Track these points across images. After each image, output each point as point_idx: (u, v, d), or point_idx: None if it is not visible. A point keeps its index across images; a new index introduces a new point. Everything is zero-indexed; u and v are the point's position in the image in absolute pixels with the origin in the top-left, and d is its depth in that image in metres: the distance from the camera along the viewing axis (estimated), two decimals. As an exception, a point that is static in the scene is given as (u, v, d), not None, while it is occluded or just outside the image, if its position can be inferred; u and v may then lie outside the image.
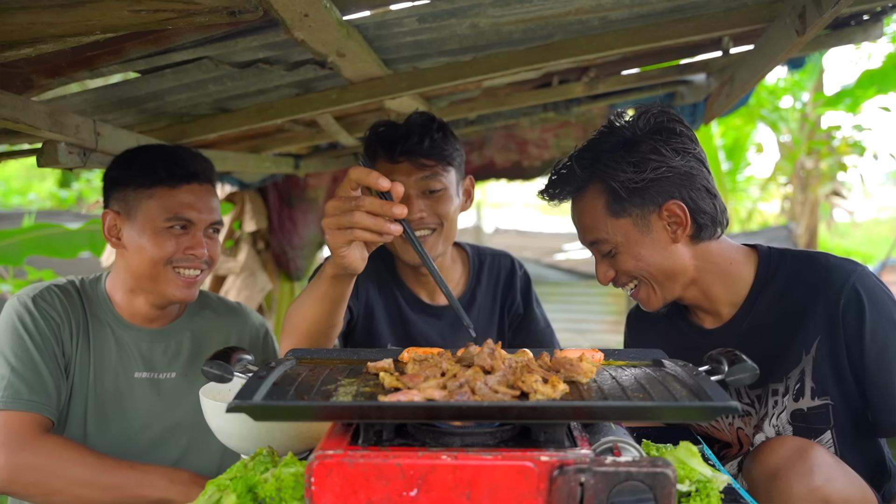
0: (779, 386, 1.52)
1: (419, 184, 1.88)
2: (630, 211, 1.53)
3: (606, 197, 1.54)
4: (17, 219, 8.03)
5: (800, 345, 1.49)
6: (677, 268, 1.55)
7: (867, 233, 13.09)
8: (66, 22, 1.28)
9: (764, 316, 1.55)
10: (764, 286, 1.56)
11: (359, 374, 1.11)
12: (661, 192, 1.51)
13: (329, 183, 4.29)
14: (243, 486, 0.98)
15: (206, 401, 1.24)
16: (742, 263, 1.59)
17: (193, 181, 1.79)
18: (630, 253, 1.55)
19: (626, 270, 1.57)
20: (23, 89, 1.67)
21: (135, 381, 1.82)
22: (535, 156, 4.23)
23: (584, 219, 1.60)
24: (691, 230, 1.53)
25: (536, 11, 1.74)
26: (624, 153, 1.52)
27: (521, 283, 2.16)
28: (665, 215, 1.52)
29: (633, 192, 1.51)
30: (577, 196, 1.61)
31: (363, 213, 1.19)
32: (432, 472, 0.85)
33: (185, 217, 1.76)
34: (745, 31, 2.12)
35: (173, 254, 1.75)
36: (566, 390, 0.95)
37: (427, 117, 1.93)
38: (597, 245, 1.59)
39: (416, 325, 2.03)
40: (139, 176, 1.76)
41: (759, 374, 1.13)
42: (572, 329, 7.74)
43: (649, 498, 0.82)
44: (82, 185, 11.48)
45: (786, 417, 1.51)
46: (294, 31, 1.52)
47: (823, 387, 1.47)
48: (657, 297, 1.59)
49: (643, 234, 1.54)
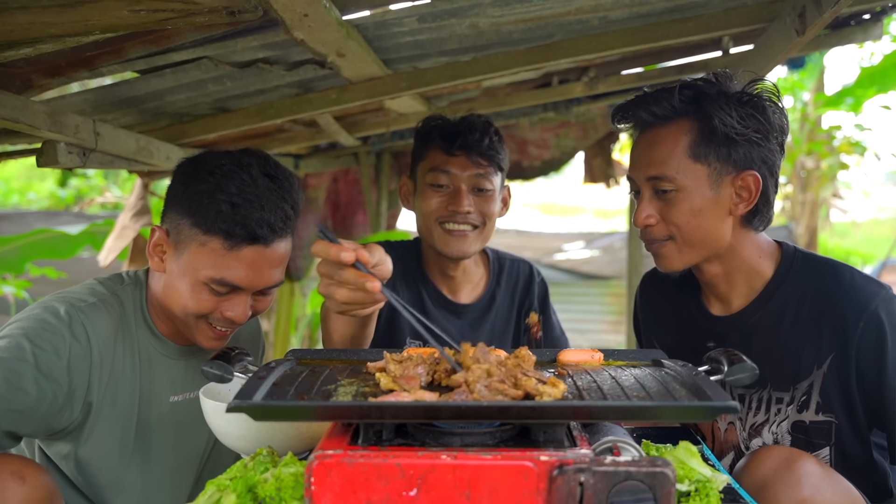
0: (784, 395, 1.49)
1: (471, 180, 1.92)
2: (710, 160, 1.45)
3: (694, 136, 1.46)
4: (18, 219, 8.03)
5: (811, 357, 1.46)
6: (719, 239, 1.49)
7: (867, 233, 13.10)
8: (66, 22, 1.29)
9: (775, 316, 1.51)
10: (780, 285, 1.52)
11: (359, 374, 1.11)
12: (747, 157, 1.45)
13: (329, 183, 4.29)
14: (243, 485, 0.98)
15: (206, 401, 1.24)
16: (766, 257, 1.55)
17: (258, 243, 1.42)
18: (688, 202, 1.47)
19: (674, 221, 1.48)
20: (23, 89, 1.67)
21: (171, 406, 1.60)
22: (535, 156, 4.23)
23: (656, 150, 1.49)
24: (748, 211, 1.49)
25: (536, 11, 1.75)
26: (733, 101, 1.45)
27: (538, 289, 2.18)
28: (738, 184, 1.47)
29: (725, 141, 1.44)
30: (661, 125, 1.50)
31: (345, 290, 1.14)
32: (432, 472, 0.85)
33: (233, 283, 1.43)
34: (745, 31, 2.12)
35: (210, 312, 1.47)
36: (566, 389, 0.95)
37: (486, 120, 1.98)
38: (658, 181, 1.48)
39: (436, 321, 2.04)
40: (196, 212, 1.42)
41: (758, 373, 1.12)
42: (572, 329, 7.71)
43: (649, 498, 0.82)
44: (80, 183, 11.49)
45: (786, 427, 1.49)
46: (294, 31, 1.52)
47: (829, 404, 1.44)
48: (679, 260, 1.52)
49: (710, 190, 1.46)
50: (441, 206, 1.92)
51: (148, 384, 1.56)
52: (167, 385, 1.59)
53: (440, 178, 1.92)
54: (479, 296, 2.10)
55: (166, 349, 1.59)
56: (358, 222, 4.33)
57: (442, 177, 1.92)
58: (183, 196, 1.45)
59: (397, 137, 3.55)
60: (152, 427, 1.57)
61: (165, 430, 1.59)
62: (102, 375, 1.47)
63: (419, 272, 2.08)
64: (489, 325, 2.08)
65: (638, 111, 1.53)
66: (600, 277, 8.29)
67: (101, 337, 1.46)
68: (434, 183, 1.93)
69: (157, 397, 1.57)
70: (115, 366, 1.50)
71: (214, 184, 1.41)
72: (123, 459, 1.54)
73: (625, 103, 1.57)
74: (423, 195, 1.97)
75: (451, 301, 2.07)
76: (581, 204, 20.74)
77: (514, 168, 4.29)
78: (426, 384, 1.03)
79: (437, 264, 2.04)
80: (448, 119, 2.00)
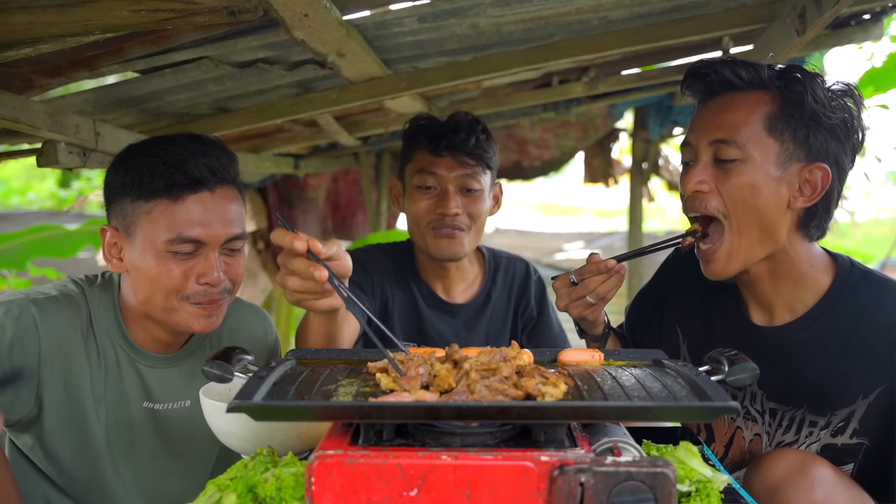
0: (819, 419, 1.40)
1: (459, 180, 1.91)
2: (786, 138, 1.34)
3: (775, 108, 1.35)
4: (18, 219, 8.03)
5: (857, 387, 1.36)
6: (774, 233, 1.37)
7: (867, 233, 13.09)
8: (66, 22, 1.29)
9: (824, 336, 1.39)
10: (833, 304, 1.40)
11: (359, 374, 1.11)
12: (823, 148, 1.35)
13: (329, 183, 4.29)
14: (243, 485, 0.98)
15: (207, 401, 1.24)
16: (820, 270, 1.43)
17: (202, 188, 1.43)
18: (749, 176, 1.34)
19: (729, 194, 1.36)
20: (23, 89, 1.67)
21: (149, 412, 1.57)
22: (535, 156, 4.24)
23: (730, 113, 1.37)
24: (806, 209, 1.38)
25: (536, 11, 1.75)
26: (823, 85, 1.36)
27: (535, 287, 2.17)
28: (805, 175, 1.35)
29: (808, 121, 1.33)
30: (741, 90, 1.39)
31: (296, 279, 1.15)
32: (432, 472, 0.85)
33: (191, 237, 1.41)
34: (745, 31, 2.12)
35: (183, 286, 1.43)
36: (566, 389, 0.95)
37: (472, 118, 1.96)
38: (723, 145, 1.36)
39: (430, 322, 2.04)
40: (135, 184, 1.42)
41: (759, 374, 1.11)
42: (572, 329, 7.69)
43: (649, 498, 0.82)
44: (83, 184, 11.49)
45: (816, 448, 1.40)
46: (294, 31, 1.52)
47: (867, 430, 1.37)
48: (736, 260, 1.39)
49: (776, 170, 1.34)
50: (429, 209, 1.91)
51: (115, 387, 1.53)
52: (138, 391, 1.55)
53: (427, 180, 1.91)
54: (473, 295, 2.09)
55: (138, 355, 1.55)
56: (358, 222, 4.33)
57: (429, 178, 1.91)
58: (118, 182, 1.46)
59: (397, 137, 3.55)
60: (127, 431, 1.54)
61: (148, 435, 1.56)
62: (54, 370, 1.46)
63: (412, 272, 2.07)
64: (485, 324, 2.07)
65: (722, 70, 1.40)
66: (600, 277, 8.28)
67: (53, 330, 1.45)
68: (421, 185, 1.92)
69: (125, 402, 1.54)
70: (73, 363, 1.48)
71: (144, 155, 1.44)
72: (98, 460, 1.52)
73: (706, 62, 1.44)
74: (411, 197, 1.96)
75: (444, 301, 2.05)
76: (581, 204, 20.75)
77: (514, 168, 4.29)
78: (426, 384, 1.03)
79: (429, 264, 2.03)
80: (435, 119, 1.99)
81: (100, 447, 1.53)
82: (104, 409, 1.52)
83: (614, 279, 1.47)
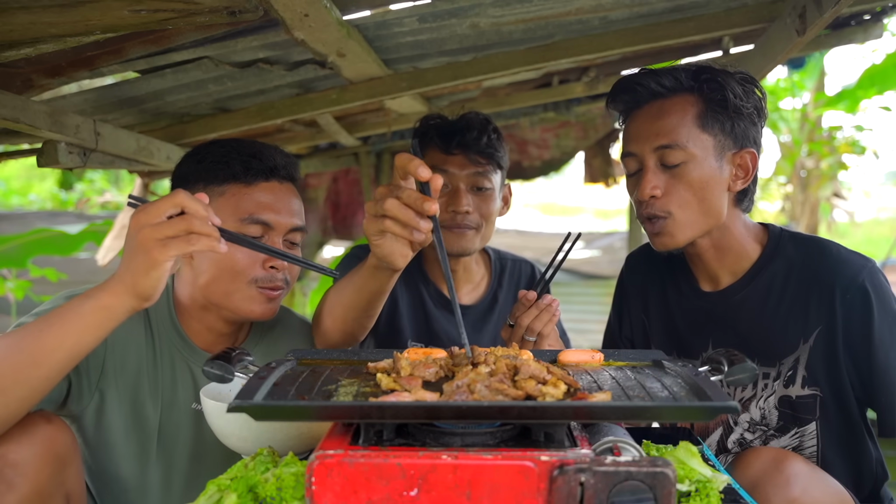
0: (770, 370, 1.52)
1: (470, 179, 1.91)
2: (716, 131, 1.49)
3: (700, 108, 1.49)
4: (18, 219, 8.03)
5: (797, 332, 1.49)
6: (718, 215, 1.52)
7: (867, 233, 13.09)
8: (66, 22, 1.29)
9: (762, 292, 1.54)
10: (767, 263, 1.55)
11: (359, 374, 1.11)
12: (746, 134, 1.51)
13: (329, 183, 4.29)
14: (244, 485, 0.98)
15: (207, 401, 1.24)
16: (754, 237, 1.58)
17: (273, 178, 1.54)
18: (699, 172, 1.48)
19: (681, 193, 1.49)
20: (23, 89, 1.67)
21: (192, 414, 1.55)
22: (535, 156, 4.23)
23: (666, 119, 1.50)
24: (740, 190, 1.53)
25: (536, 11, 1.75)
26: (736, 78, 1.51)
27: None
28: (737, 161, 1.51)
29: (730, 114, 1.48)
30: (666, 97, 1.53)
31: (396, 202, 1.14)
32: (433, 472, 0.85)
33: (262, 219, 1.50)
34: (745, 31, 2.12)
35: (249, 268, 1.48)
36: (566, 389, 0.95)
37: (484, 117, 1.96)
38: (668, 150, 1.49)
39: (438, 322, 2.04)
40: (211, 171, 1.52)
41: (757, 373, 1.13)
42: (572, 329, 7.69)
43: (649, 498, 0.82)
44: (85, 186, 11.49)
45: (773, 402, 1.52)
46: (294, 31, 1.52)
47: (815, 377, 1.47)
48: (681, 236, 1.52)
49: (715, 161, 1.49)
50: (441, 208, 1.91)
51: (169, 388, 1.53)
52: (189, 392, 1.55)
53: None
54: (480, 296, 2.09)
55: (192, 354, 1.55)
56: (358, 222, 4.33)
57: (441, 176, 1.91)
58: (191, 170, 1.55)
59: (398, 137, 3.55)
60: (173, 435, 1.54)
61: (186, 439, 1.55)
62: (117, 365, 1.47)
63: (419, 272, 2.07)
64: (492, 326, 2.08)
65: (646, 81, 1.53)
66: (600, 277, 8.29)
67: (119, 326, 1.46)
68: None
69: (178, 403, 1.54)
70: (134, 360, 1.50)
71: (219, 147, 1.55)
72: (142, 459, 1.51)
73: (630, 76, 1.58)
74: None
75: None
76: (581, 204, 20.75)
77: (514, 168, 4.29)
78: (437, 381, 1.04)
79: (437, 264, 2.04)
80: (446, 118, 1.99)
81: (148, 447, 1.52)
82: (159, 409, 1.52)
83: (545, 314, 1.56)
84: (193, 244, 1.12)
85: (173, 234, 1.11)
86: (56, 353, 1.16)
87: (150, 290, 1.15)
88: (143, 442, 1.52)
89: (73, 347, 1.17)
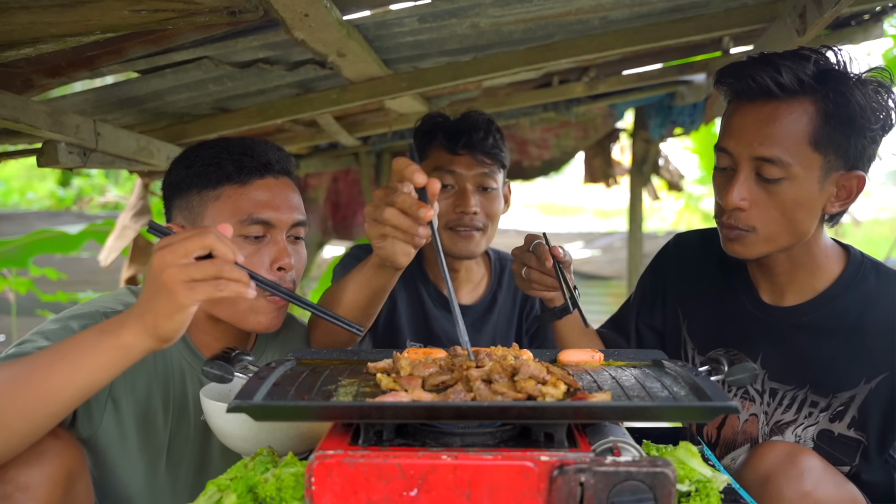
0: (820, 400, 1.43)
1: (476, 179, 1.91)
2: (829, 151, 1.30)
3: (817, 123, 1.29)
4: (18, 219, 8.03)
5: (861, 371, 1.39)
6: (803, 234, 1.38)
7: (867, 233, 13.09)
8: (66, 22, 1.29)
9: (832, 320, 1.42)
10: (844, 291, 1.43)
11: (359, 374, 1.11)
12: (860, 154, 1.33)
13: (329, 183, 4.29)
14: (244, 486, 0.98)
15: (207, 401, 1.24)
16: (833, 259, 1.46)
17: (268, 174, 1.47)
18: (795, 192, 1.32)
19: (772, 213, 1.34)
20: (23, 89, 1.67)
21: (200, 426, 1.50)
22: (535, 156, 4.23)
23: (775, 128, 1.31)
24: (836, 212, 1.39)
25: (536, 11, 1.75)
26: (866, 86, 1.30)
27: None
28: (842, 182, 1.34)
29: (851, 132, 1.29)
30: (781, 98, 1.31)
31: (394, 210, 1.14)
32: (432, 472, 0.85)
33: (262, 218, 1.43)
34: (745, 31, 2.12)
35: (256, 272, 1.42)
36: (565, 389, 0.95)
37: (487, 117, 1.96)
38: (769, 164, 1.31)
39: (437, 322, 2.04)
40: (202, 175, 1.45)
41: (758, 375, 1.12)
42: (572, 329, 7.68)
43: (649, 498, 0.82)
44: (83, 183, 11.48)
45: (812, 432, 1.44)
46: (294, 31, 1.52)
47: (864, 422, 1.40)
48: (758, 250, 1.39)
49: (817, 184, 1.32)
50: (448, 208, 1.91)
51: (179, 401, 1.50)
52: (198, 404, 1.49)
53: (445, 178, 1.90)
54: (480, 296, 2.09)
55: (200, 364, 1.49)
56: (358, 222, 4.34)
57: (447, 177, 1.90)
58: (181, 177, 1.48)
59: (398, 137, 3.55)
60: (181, 449, 1.50)
61: (193, 452, 1.52)
62: (125, 381, 1.42)
63: (419, 272, 2.07)
64: (491, 326, 2.07)
65: (762, 75, 1.31)
66: (600, 277, 8.29)
67: None
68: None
69: (188, 417, 1.51)
70: (143, 374, 1.45)
71: (208, 149, 1.48)
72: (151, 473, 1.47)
73: (745, 64, 1.37)
74: None
75: None
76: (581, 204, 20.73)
77: (514, 168, 4.29)
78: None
79: (437, 264, 2.03)
80: (448, 117, 1.98)
81: (157, 463, 1.48)
82: (169, 424, 1.49)
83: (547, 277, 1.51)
84: (222, 290, 1.04)
85: (201, 278, 1.04)
86: (66, 392, 1.10)
87: (172, 332, 1.08)
88: (152, 459, 1.48)
89: (83, 386, 1.10)
